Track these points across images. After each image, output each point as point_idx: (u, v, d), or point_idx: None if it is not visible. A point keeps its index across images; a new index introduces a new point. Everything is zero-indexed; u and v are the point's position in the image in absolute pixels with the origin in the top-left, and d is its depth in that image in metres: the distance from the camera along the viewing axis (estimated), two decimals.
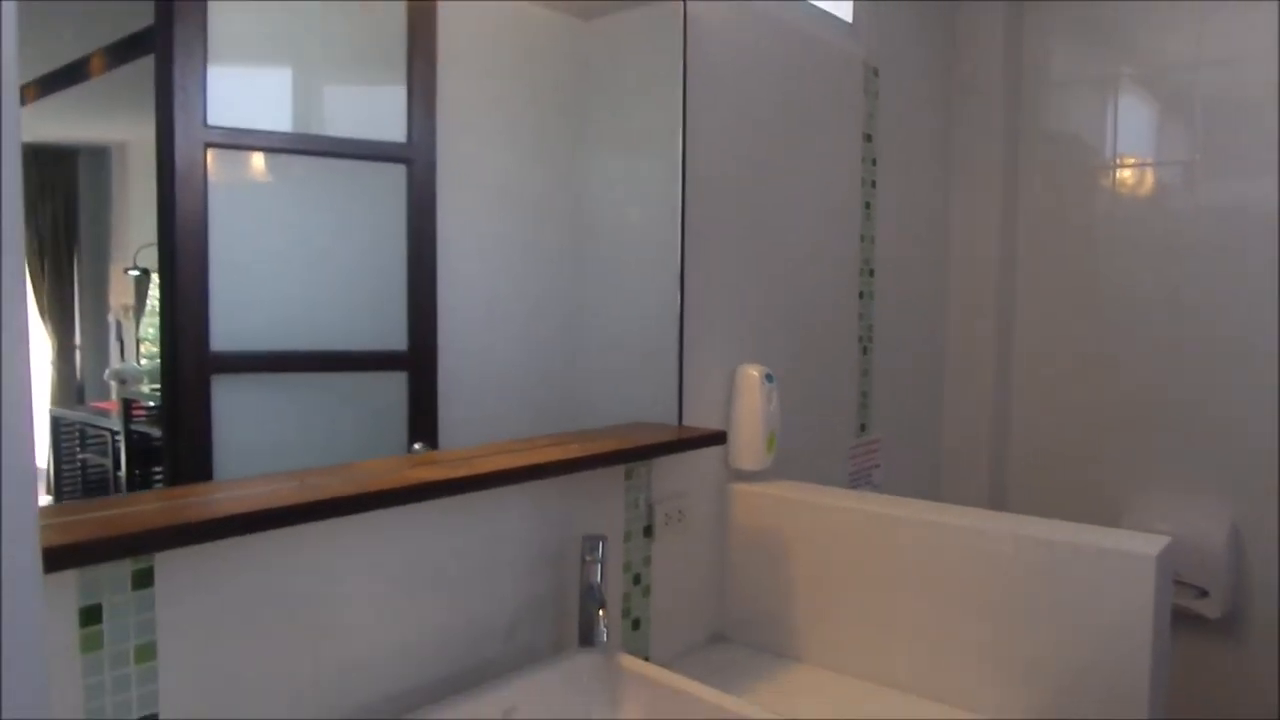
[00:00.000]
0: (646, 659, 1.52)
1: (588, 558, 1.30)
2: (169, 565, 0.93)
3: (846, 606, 1.53)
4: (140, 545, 0.83)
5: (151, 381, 1.10)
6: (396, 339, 1.27)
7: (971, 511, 1.49)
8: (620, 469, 1.46)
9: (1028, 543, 1.36)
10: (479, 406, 1.34)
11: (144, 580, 0.92)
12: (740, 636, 1.67)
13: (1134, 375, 2.39)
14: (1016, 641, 1.37)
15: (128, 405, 1.11)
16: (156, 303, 1.08)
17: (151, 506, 0.92)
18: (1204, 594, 2.23)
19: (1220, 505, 2.28)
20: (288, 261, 1.18)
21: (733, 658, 1.61)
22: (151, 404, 1.10)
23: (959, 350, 2.51)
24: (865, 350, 2.12)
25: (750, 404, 1.66)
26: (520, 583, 1.30)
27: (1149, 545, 1.30)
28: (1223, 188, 2.26)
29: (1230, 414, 2.27)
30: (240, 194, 1.13)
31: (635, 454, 1.37)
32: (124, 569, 0.91)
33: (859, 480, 2.11)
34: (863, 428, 2.13)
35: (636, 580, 1.51)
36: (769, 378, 1.68)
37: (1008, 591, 1.37)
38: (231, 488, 1.00)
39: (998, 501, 2.53)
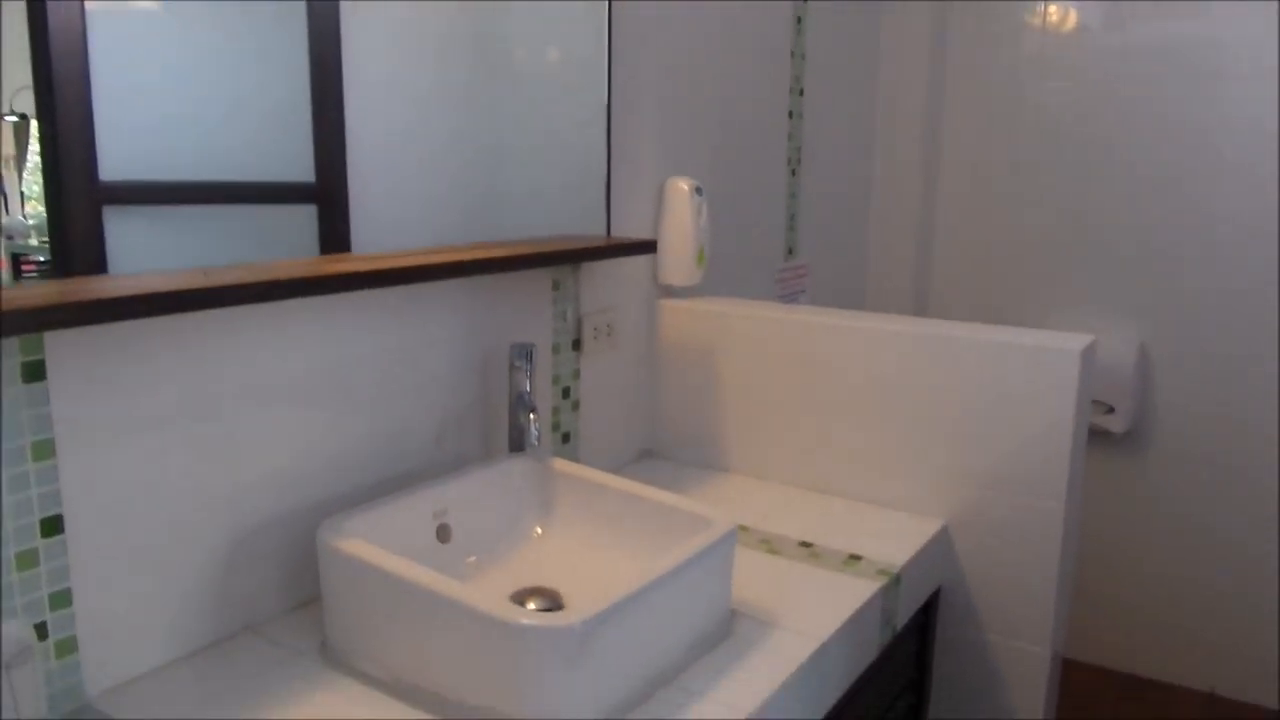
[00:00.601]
0: None
1: (516, 364, 1.27)
2: (62, 356, 0.87)
3: (775, 417, 1.55)
4: (27, 323, 0.76)
5: (40, 235, 1.00)
6: (304, 171, 1.17)
7: (899, 318, 1.50)
8: (547, 280, 1.42)
9: (954, 344, 1.38)
10: (396, 242, 1.26)
11: (36, 373, 0.85)
12: (670, 452, 1.68)
13: (1055, 204, 2.42)
14: (941, 441, 1.40)
15: (16, 261, 1.01)
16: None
17: (40, 290, 0.85)
18: (1111, 410, 2.33)
19: (1130, 327, 2.36)
20: (183, 86, 1.06)
21: (662, 470, 1.62)
22: (41, 259, 1.00)
23: (886, 176, 2.49)
24: (794, 172, 2.09)
25: (679, 217, 1.62)
26: (447, 390, 1.27)
27: (1073, 342, 1.33)
28: (1151, 28, 2.24)
29: (1145, 242, 2.32)
30: (123, 13, 1.00)
31: (561, 257, 1.33)
32: (13, 361, 0.84)
33: (786, 303, 2.12)
34: (790, 251, 2.12)
35: (566, 394, 1.49)
36: (699, 190, 1.63)
37: (934, 393, 1.40)
38: (130, 278, 0.93)
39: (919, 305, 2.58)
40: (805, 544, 1.32)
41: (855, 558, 1.27)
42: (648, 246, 1.47)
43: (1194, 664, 2.44)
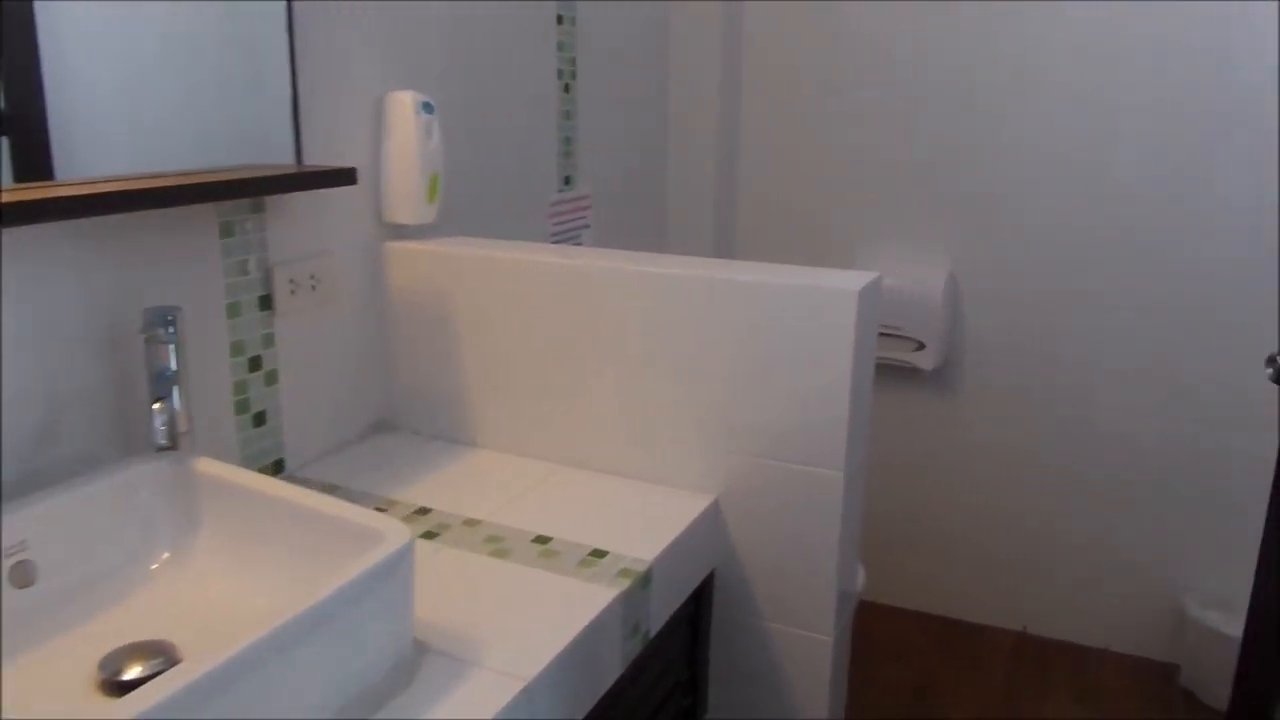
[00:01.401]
0: (280, 462, 1.25)
1: (152, 334, 0.98)
2: None
3: (528, 380, 1.32)
4: None
5: None
6: None
7: (663, 258, 1.29)
8: (213, 223, 1.12)
9: (724, 286, 1.18)
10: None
11: None
12: (409, 422, 1.43)
13: (862, 132, 2.26)
14: (713, 404, 1.21)
15: None
16: None
17: None
18: (921, 346, 2.22)
19: (939, 259, 2.25)
20: None
21: (398, 447, 1.37)
22: None
23: (682, 95, 2.27)
24: (567, 88, 1.83)
25: (403, 140, 1.34)
26: (59, 372, 0.97)
27: (851, 281, 1.14)
28: None
29: (952, 172, 2.20)
30: None
31: (223, 190, 1.04)
32: None
33: (563, 241, 1.88)
34: (567, 181, 1.87)
35: (255, 365, 1.21)
36: (427, 106, 1.36)
37: (703, 348, 1.20)
38: None
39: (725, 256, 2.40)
40: (542, 539, 1.10)
41: (597, 554, 1.06)
42: (345, 176, 1.19)
43: (1006, 603, 2.41)
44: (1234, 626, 2.07)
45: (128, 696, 0.61)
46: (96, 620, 0.84)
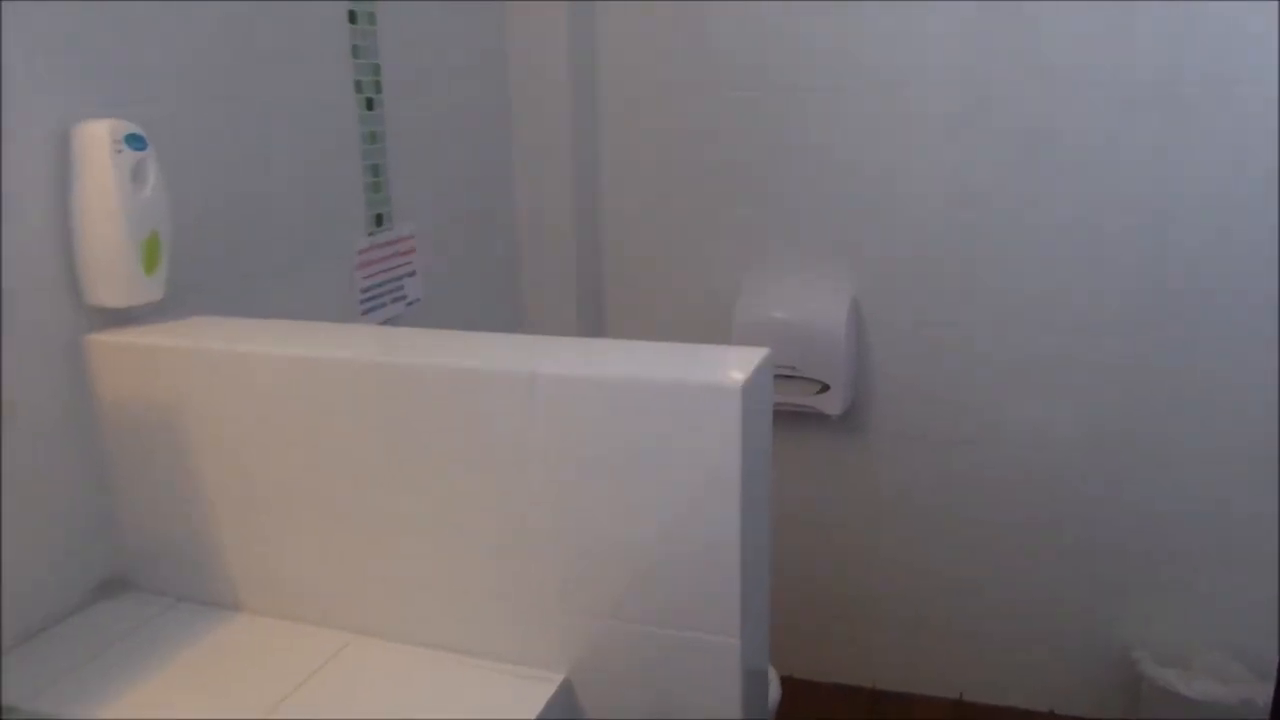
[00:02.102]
0: None
1: None
2: None
3: (305, 516, 0.95)
4: None
5: None
6: None
7: (480, 340, 0.94)
8: None
9: (551, 384, 0.83)
10: None
11: None
12: (147, 580, 1.04)
13: (742, 144, 1.95)
14: (556, 540, 0.86)
15: None
16: None
17: None
18: (825, 388, 1.93)
19: (840, 284, 1.96)
20: None
21: (134, 618, 0.99)
22: None
23: (528, 108, 1.92)
24: (370, 104, 1.46)
25: (97, 188, 0.96)
26: None
27: (732, 368, 0.82)
28: None
29: (850, 184, 1.91)
30: None
31: None
32: None
33: (379, 300, 1.51)
34: (379, 220, 1.50)
35: None
36: (134, 140, 0.97)
37: (532, 463, 0.85)
38: None
39: (593, 299, 2.06)
40: None
41: None
42: None
43: (938, 669, 2.14)
44: (1192, 686, 1.83)
45: None
46: None
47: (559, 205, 1.94)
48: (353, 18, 1.41)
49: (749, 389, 0.80)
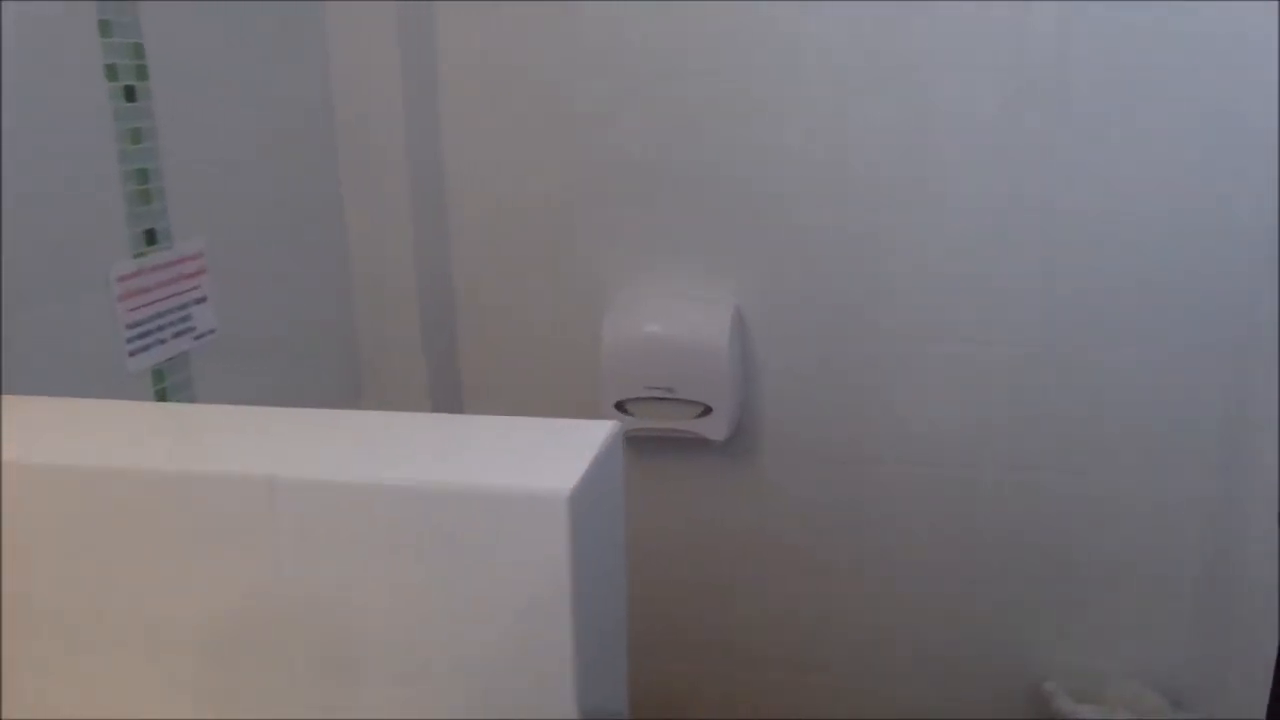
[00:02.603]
0: None
1: None
2: None
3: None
4: None
5: None
6: None
7: (220, 421, 0.69)
8: None
9: (294, 491, 0.59)
10: None
11: None
12: None
13: (606, 138, 1.72)
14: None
15: None
16: None
17: None
18: (707, 411, 1.72)
19: (721, 292, 1.75)
20: None
21: None
22: None
23: (352, 93, 1.64)
24: (130, 93, 1.17)
25: None
26: None
27: (559, 470, 0.59)
28: None
29: (729, 179, 1.70)
30: None
31: None
32: None
33: (155, 337, 1.22)
34: (151, 237, 1.22)
35: None
36: None
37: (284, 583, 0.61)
38: None
39: (440, 319, 1.81)
40: None
41: None
42: None
43: (836, 708, 1.97)
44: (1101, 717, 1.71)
45: None
46: None
47: (395, 218, 1.67)
48: None
49: (580, 493, 0.57)
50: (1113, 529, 1.75)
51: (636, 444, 1.82)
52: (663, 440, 1.80)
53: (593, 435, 0.63)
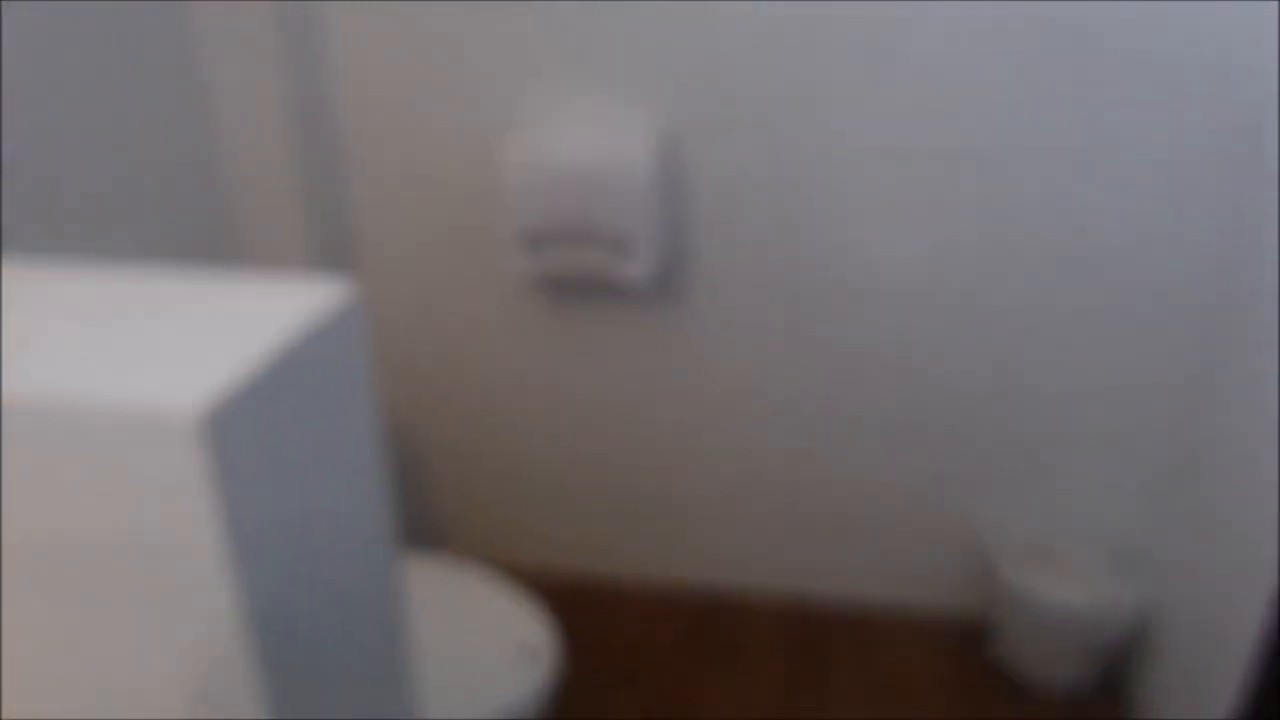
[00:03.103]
0: None
1: None
2: None
3: None
4: None
5: None
6: None
7: None
8: None
9: None
10: None
11: None
12: None
13: None
14: None
15: None
16: None
17: None
18: (626, 250, 1.53)
19: (648, 114, 1.52)
20: None
21: None
22: None
23: None
24: None
25: None
26: None
27: (194, 382, 0.40)
28: None
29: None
30: None
31: None
32: None
33: None
34: None
35: None
36: None
37: None
38: None
39: (318, 148, 1.58)
40: None
41: None
42: None
43: (777, 563, 1.88)
44: (1056, 588, 1.61)
45: None
46: None
47: (257, 35, 1.42)
48: None
49: (220, 424, 0.39)
50: (1075, 385, 1.60)
51: (552, 290, 1.64)
52: (584, 287, 1.62)
53: (288, 312, 0.45)
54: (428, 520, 1.96)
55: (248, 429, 0.41)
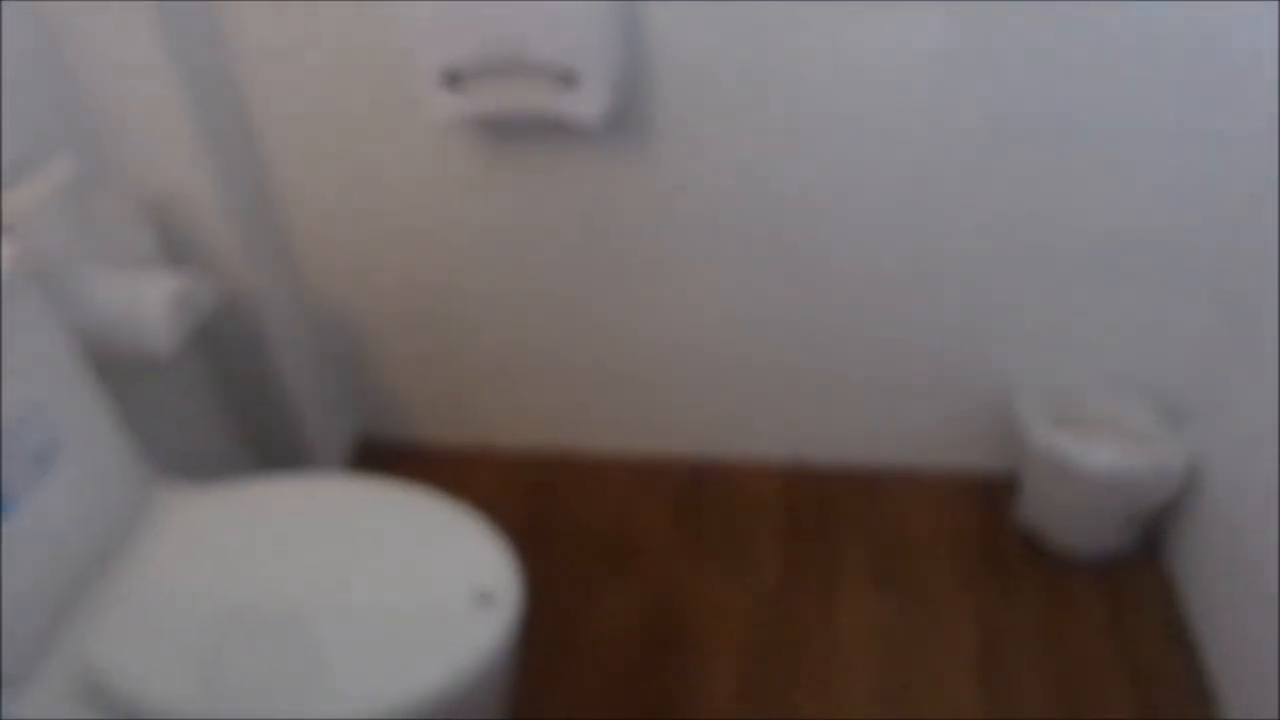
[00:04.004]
0: None
1: None
2: None
3: None
4: None
5: None
6: None
7: None
8: None
9: None
10: None
11: None
12: None
13: None
14: None
15: None
16: None
17: None
18: (574, 83, 1.24)
19: None
20: None
21: None
22: None
23: None
24: None
25: None
26: None
27: None
28: None
29: None
30: None
31: None
32: None
33: None
34: None
35: None
36: None
37: None
38: None
39: None
40: None
41: None
42: None
43: (771, 427, 1.69)
44: (1091, 450, 1.43)
45: None
46: None
47: None
48: None
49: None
50: (1104, 214, 1.34)
51: (486, 134, 1.36)
52: (521, 129, 1.34)
53: None
54: (393, 405, 1.75)
55: None
